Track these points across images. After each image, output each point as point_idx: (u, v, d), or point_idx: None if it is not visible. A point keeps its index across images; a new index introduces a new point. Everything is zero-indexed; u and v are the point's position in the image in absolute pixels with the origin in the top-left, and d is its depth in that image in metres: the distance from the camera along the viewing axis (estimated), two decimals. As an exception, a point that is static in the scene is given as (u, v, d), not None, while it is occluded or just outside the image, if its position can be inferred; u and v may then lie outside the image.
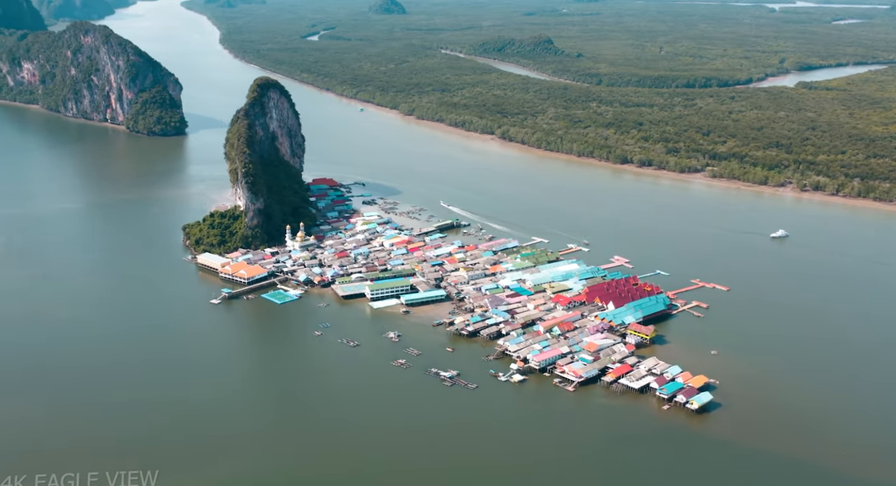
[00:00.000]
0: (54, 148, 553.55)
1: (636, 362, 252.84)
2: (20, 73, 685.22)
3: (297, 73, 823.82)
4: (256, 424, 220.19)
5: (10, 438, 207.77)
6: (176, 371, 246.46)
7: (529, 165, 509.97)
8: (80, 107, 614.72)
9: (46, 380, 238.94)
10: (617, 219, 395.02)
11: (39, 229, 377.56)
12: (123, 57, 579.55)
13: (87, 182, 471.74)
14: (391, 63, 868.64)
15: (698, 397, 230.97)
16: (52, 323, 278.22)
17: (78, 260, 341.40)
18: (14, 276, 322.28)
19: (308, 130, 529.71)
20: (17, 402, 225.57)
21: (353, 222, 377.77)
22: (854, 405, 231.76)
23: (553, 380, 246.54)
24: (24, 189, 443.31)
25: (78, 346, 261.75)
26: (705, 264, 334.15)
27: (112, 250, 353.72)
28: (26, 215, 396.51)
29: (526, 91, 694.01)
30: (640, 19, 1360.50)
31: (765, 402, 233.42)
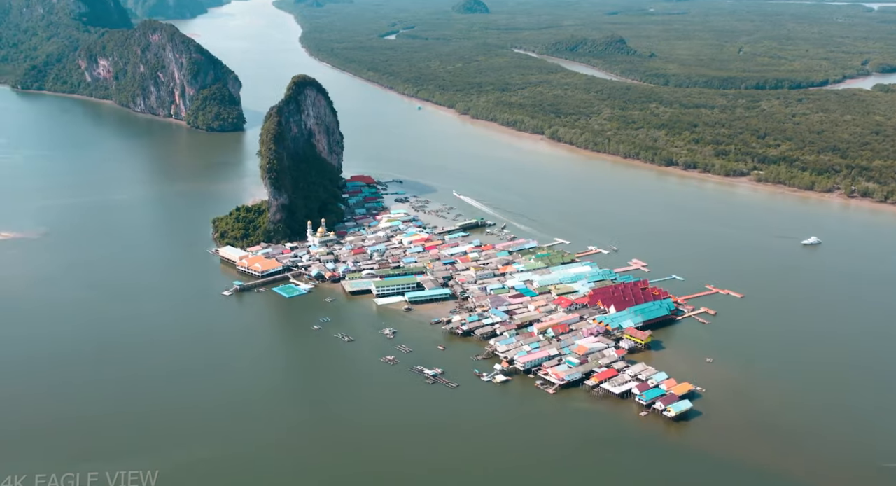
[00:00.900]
0: (118, 142, 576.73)
1: (623, 368, 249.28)
2: (97, 70, 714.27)
3: (363, 72, 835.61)
4: (233, 418, 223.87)
5: (10, 437, 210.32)
6: (169, 363, 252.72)
7: (573, 165, 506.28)
8: (148, 102, 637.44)
9: (46, 374, 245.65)
10: (649, 222, 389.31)
11: (84, 219, 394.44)
12: (186, 55, 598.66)
13: (140, 175, 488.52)
14: (459, 62, 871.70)
15: (677, 404, 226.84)
16: (64, 309, 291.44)
17: (110, 249, 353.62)
18: (48, 262, 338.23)
19: (361, 127, 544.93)
20: (16, 399, 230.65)
21: (378, 219, 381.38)
22: (841, 422, 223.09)
23: (535, 382, 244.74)
24: (79, 181, 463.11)
25: (78, 335, 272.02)
26: (726, 270, 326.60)
27: (145, 241, 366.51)
28: (76, 205, 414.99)
29: (587, 91, 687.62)
30: (726, 19, 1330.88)
31: (747, 413, 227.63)
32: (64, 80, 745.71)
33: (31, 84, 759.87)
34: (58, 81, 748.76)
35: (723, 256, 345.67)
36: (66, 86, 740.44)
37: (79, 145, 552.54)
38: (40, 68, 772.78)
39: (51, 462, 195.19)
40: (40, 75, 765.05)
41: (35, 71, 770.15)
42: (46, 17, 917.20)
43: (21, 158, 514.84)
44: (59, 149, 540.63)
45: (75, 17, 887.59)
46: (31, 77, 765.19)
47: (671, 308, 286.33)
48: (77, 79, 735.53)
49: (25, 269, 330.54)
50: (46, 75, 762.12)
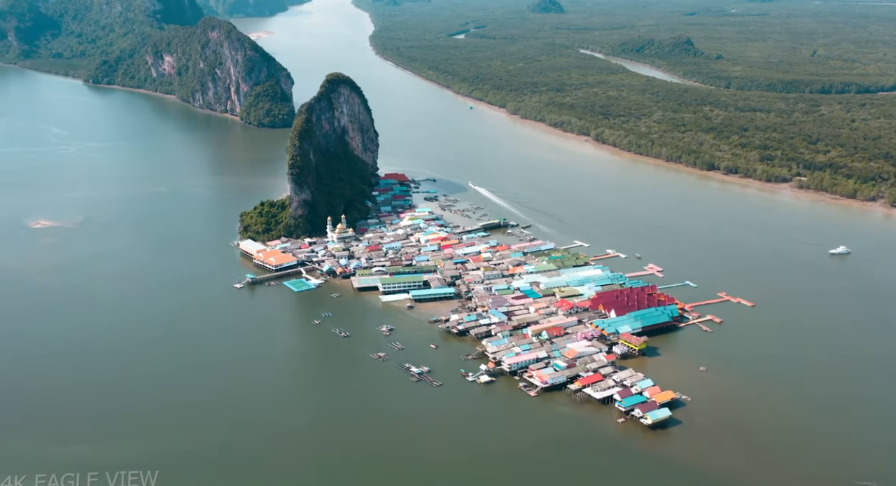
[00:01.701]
0: (171, 136, 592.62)
1: (610, 373, 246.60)
2: (162, 66, 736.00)
3: (423, 70, 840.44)
4: (210, 413, 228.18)
5: (11, 436, 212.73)
6: (167, 354, 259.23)
7: (613, 167, 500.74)
8: (206, 98, 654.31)
9: (44, 365, 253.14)
10: (675, 227, 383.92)
11: (121, 209, 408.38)
12: (241, 52, 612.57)
13: (185, 168, 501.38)
14: (521, 62, 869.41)
15: (654, 412, 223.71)
16: (79, 297, 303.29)
17: (139, 239, 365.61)
18: (78, 250, 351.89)
19: (410, 125, 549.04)
20: (14, 390, 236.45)
21: (402, 217, 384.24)
22: (824, 441, 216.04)
23: (519, 384, 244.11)
24: (124, 172, 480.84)
25: (84, 324, 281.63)
26: (744, 277, 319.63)
27: (174, 232, 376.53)
28: (116, 196, 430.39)
29: (642, 93, 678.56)
30: (807, 20, 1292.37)
31: (728, 424, 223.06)
32: (132, 75, 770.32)
33: (101, 79, 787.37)
34: (126, 76, 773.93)
35: (744, 263, 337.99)
36: (133, 81, 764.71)
37: (133, 138, 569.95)
38: (111, 64, 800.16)
39: (51, 462, 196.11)
40: (111, 70, 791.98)
41: (106, 66, 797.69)
42: (124, 13, 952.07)
43: (76, 149, 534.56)
44: (114, 141, 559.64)
45: (149, 14, 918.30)
46: (102, 72, 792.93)
47: (674, 315, 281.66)
48: (144, 74, 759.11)
49: (55, 256, 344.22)
50: (116, 70, 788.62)
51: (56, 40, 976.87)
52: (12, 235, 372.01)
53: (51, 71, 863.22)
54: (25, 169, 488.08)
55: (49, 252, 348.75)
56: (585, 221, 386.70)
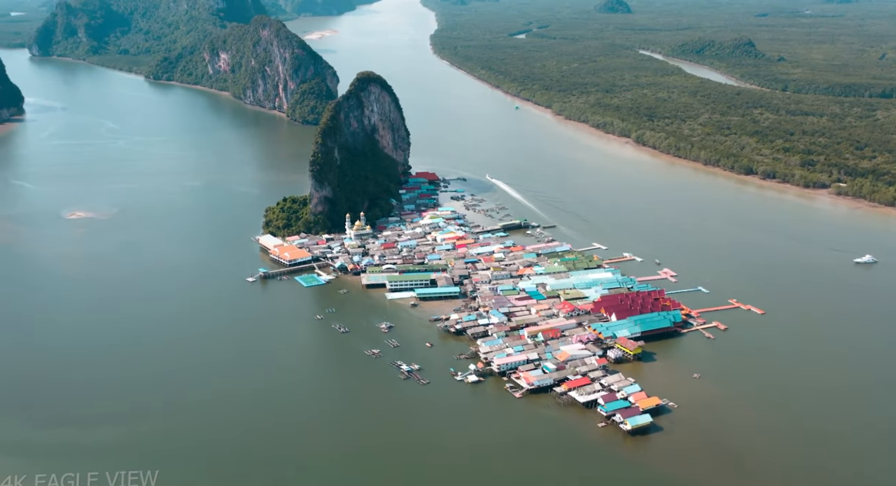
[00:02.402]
0: (218, 132, 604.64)
1: (600, 377, 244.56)
2: (218, 63, 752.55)
3: (476, 70, 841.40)
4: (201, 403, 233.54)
5: (10, 436, 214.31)
6: (166, 348, 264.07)
7: (649, 170, 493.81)
8: (256, 95, 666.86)
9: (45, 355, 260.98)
10: (700, 231, 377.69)
11: (155, 201, 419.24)
12: (289, 50, 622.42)
13: (224, 163, 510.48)
14: (576, 62, 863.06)
15: (635, 418, 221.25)
16: (99, 286, 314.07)
17: (165, 232, 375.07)
18: (106, 241, 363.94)
19: (452, 124, 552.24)
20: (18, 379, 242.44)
21: (423, 216, 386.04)
22: (807, 454, 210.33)
23: (505, 385, 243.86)
24: (164, 166, 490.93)
25: (96, 314, 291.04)
26: (760, 284, 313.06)
27: (201, 225, 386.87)
28: (151, 189, 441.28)
29: (693, 95, 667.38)
30: (882, 22, 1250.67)
31: (710, 433, 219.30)
32: (190, 71, 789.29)
33: (161, 75, 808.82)
34: (184, 72, 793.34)
35: (763, 269, 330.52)
36: (191, 77, 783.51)
37: (179, 133, 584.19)
38: (171, 60, 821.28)
39: (51, 462, 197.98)
40: (170, 67, 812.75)
41: (166, 63, 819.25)
42: (189, 11, 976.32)
43: (124, 143, 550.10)
44: (161, 136, 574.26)
45: (213, 12, 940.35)
46: (162, 68, 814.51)
47: (676, 320, 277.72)
48: (201, 71, 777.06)
49: (81, 246, 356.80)
50: (175, 67, 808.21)
51: (125, 37, 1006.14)
52: (48, 224, 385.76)
53: (115, 67, 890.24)
54: (72, 161, 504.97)
55: (77, 242, 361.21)
56: (610, 224, 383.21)
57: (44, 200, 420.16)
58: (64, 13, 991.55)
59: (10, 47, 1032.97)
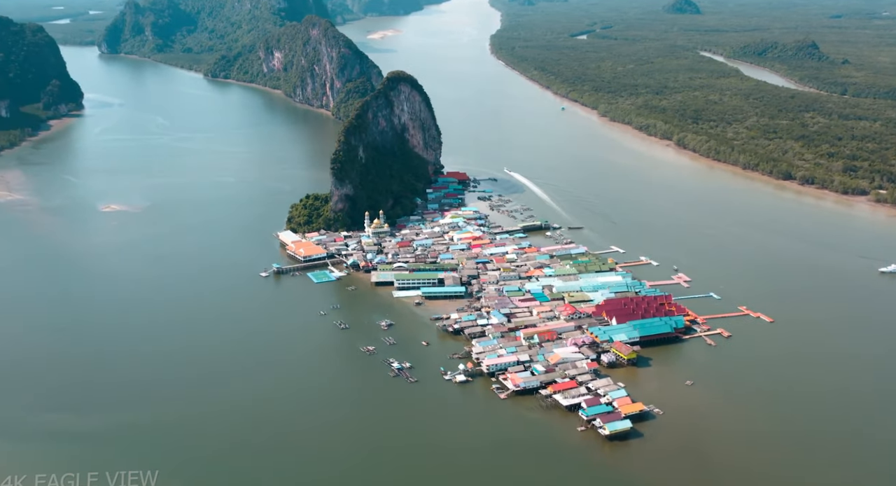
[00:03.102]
0: (263, 128, 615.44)
1: (587, 380, 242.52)
2: (272, 61, 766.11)
3: (529, 70, 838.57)
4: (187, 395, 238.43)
5: (10, 435, 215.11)
6: (167, 338, 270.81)
7: (685, 173, 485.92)
8: (305, 94, 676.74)
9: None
10: (724, 236, 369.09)
11: (186, 195, 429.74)
12: (336, 49, 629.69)
13: (262, 159, 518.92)
14: (632, 63, 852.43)
15: (614, 423, 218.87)
16: (118, 277, 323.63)
17: (190, 226, 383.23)
18: (132, 234, 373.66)
19: (495, 124, 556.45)
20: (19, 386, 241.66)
21: (445, 216, 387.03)
22: (786, 468, 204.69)
23: (491, 385, 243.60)
24: (202, 162, 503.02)
25: (108, 304, 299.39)
26: (774, 292, 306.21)
27: (227, 219, 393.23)
28: (185, 183, 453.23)
29: (745, 97, 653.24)
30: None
31: (691, 441, 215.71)
32: (246, 70, 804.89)
33: (218, 73, 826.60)
34: (241, 70, 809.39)
35: (781, 276, 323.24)
36: (246, 75, 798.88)
37: (224, 130, 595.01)
38: (229, 59, 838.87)
39: (51, 462, 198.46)
40: (228, 65, 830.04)
41: (224, 61, 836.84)
42: (252, 11, 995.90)
43: (169, 139, 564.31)
44: (206, 132, 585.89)
45: (274, 11, 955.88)
46: (220, 66, 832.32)
47: (678, 326, 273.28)
48: (256, 69, 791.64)
49: (111, 238, 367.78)
50: (233, 65, 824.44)
51: (191, 36, 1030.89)
52: (82, 217, 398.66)
53: (178, 65, 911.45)
54: (116, 156, 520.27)
55: (106, 234, 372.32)
56: (636, 227, 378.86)
57: (83, 194, 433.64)
58: (132, 12, 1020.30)
59: (83, 45, 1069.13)
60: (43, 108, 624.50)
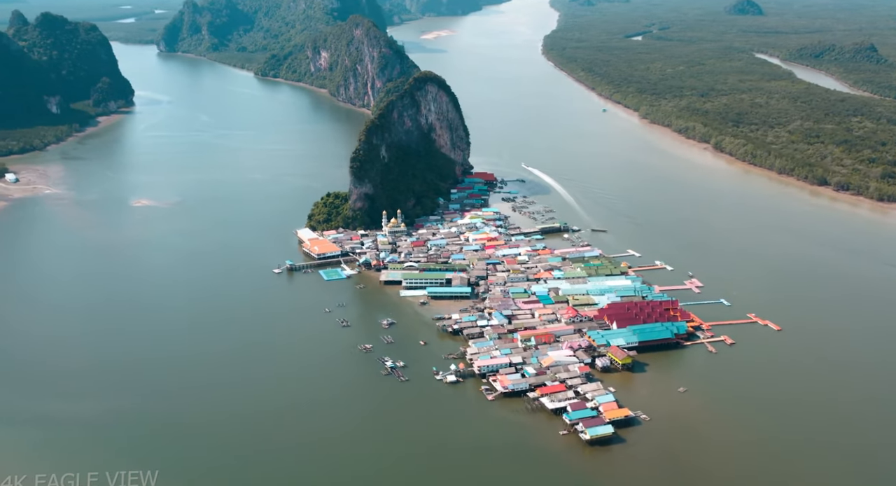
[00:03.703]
0: (302, 126, 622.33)
1: (577, 384, 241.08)
2: (319, 60, 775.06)
3: (577, 71, 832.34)
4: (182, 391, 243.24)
5: (11, 435, 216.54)
6: (170, 332, 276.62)
7: (718, 177, 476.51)
8: (347, 93, 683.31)
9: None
10: (749, 241, 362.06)
11: (216, 192, 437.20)
12: (377, 49, 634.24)
13: (295, 157, 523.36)
14: (682, 65, 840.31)
15: (596, 428, 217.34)
16: (139, 270, 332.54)
17: (214, 221, 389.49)
18: (157, 228, 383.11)
19: (533, 125, 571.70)
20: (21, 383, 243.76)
21: (465, 216, 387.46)
22: (766, 474, 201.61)
23: (481, 386, 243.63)
24: (235, 159, 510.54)
25: (123, 296, 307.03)
26: (788, 299, 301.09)
27: (248, 217, 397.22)
28: (216, 180, 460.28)
29: (793, 101, 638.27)
30: None
31: (673, 449, 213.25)
32: (294, 69, 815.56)
33: (268, 72, 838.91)
34: (289, 69, 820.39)
35: (799, 283, 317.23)
36: (294, 74, 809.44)
37: (265, 128, 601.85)
38: (279, 58, 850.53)
39: (51, 462, 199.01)
40: (277, 64, 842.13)
41: (273, 60, 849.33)
42: (306, 11, 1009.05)
43: (208, 136, 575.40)
44: (246, 130, 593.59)
45: (327, 11, 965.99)
46: (270, 65, 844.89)
47: (680, 332, 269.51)
48: (304, 69, 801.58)
49: (136, 232, 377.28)
50: (282, 64, 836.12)
51: (247, 35, 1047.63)
52: (113, 211, 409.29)
53: (230, 63, 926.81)
54: (156, 152, 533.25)
55: (132, 228, 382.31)
56: (659, 230, 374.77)
57: (117, 188, 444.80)
58: (190, 12, 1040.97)
59: (144, 43, 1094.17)
60: (93, 104, 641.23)
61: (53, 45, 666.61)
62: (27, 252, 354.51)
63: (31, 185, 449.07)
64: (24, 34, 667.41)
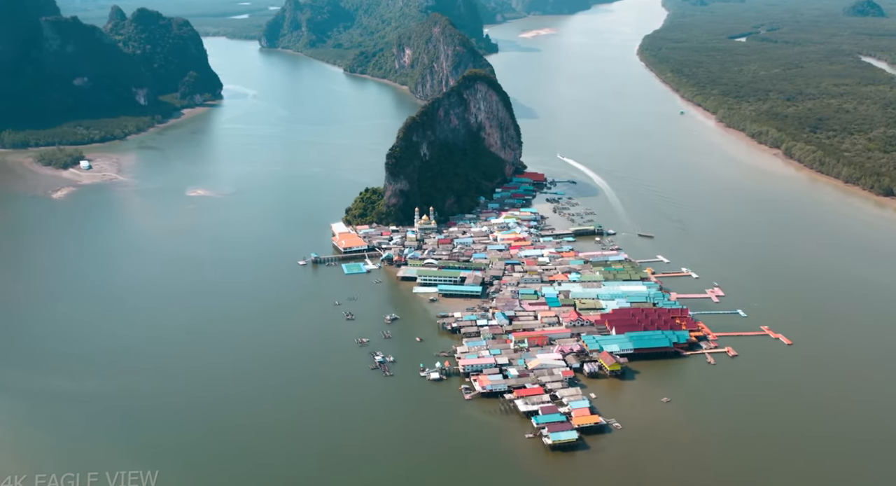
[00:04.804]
0: (370, 122, 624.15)
1: (556, 388, 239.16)
2: (403, 58, 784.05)
3: (665, 73, 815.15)
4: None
5: (11, 435, 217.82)
6: (174, 323, 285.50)
7: (782, 185, 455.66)
8: (424, 90, 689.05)
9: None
10: (788, 253, 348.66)
11: (270, 184, 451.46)
12: (451, 47, 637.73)
13: (358, 152, 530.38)
14: (779, 67, 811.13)
15: (560, 433, 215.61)
16: (169, 259, 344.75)
17: (260, 212, 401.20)
18: (205, 218, 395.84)
19: (603, 126, 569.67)
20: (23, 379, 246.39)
21: (501, 216, 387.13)
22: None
23: (460, 385, 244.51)
24: (296, 153, 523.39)
25: (143, 285, 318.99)
26: (809, 313, 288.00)
27: (293, 209, 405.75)
28: (274, 172, 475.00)
29: (885, 107, 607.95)
30: None
31: (636, 460, 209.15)
32: (380, 66, 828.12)
33: (356, 68, 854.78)
34: (376, 66, 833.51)
35: (829, 297, 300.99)
36: (380, 71, 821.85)
37: (336, 123, 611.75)
38: (367, 55, 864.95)
39: (51, 462, 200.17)
40: (365, 61, 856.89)
41: (362, 57, 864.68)
42: (402, 9, 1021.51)
43: (280, 129, 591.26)
44: (318, 125, 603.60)
45: (422, 9, 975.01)
46: (358, 62, 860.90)
47: (679, 341, 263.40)
48: (389, 65, 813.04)
49: (182, 220, 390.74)
50: (370, 61, 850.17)
51: (346, 32, 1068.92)
52: (168, 200, 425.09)
53: (324, 59, 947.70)
54: (226, 144, 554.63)
55: (180, 217, 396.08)
56: (701, 237, 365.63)
57: (179, 178, 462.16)
58: (292, 8, 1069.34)
59: (249, 39, 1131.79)
60: (179, 97, 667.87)
61: (147, 39, 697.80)
62: (71, 235, 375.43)
63: (101, 172, 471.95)
64: (120, 29, 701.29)
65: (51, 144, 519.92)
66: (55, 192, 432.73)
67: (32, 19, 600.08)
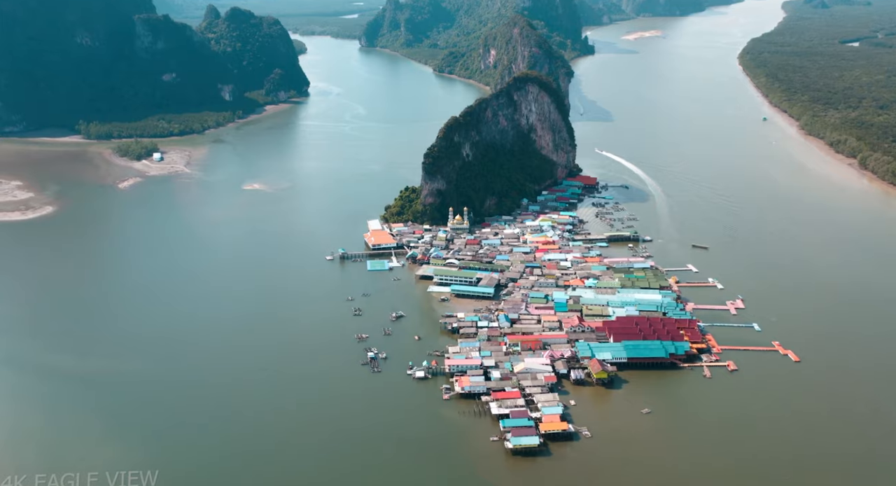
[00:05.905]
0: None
1: (535, 393, 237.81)
2: (488, 58, 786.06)
3: (759, 77, 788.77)
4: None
5: (11, 435, 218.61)
6: (186, 309, 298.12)
7: (849, 196, 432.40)
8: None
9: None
10: (830, 270, 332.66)
11: (323, 179, 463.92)
12: (528, 48, 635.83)
13: (420, 150, 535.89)
14: (883, 74, 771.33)
15: (522, 438, 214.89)
16: (207, 246, 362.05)
17: (304, 206, 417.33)
18: (252, 211, 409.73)
19: (682, 131, 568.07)
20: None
21: (539, 218, 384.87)
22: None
23: (442, 385, 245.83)
24: (363, 150, 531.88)
25: (170, 273, 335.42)
26: (827, 331, 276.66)
27: (338, 205, 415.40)
28: (332, 168, 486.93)
29: None
30: None
31: (598, 470, 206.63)
32: (467, 66, 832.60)
33: (444, 68, 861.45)
34: (463, 67, 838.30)
35: (859, 317, 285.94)
36: (467, 71, 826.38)
37: (409, 122, 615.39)
38: (457, 55, 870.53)
39: (51, 462, 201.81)
40: (454, 61, 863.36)
41: (451, 57, 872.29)
42: (500, 10, 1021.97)
43: (351, 127, 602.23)
44: (391, 123, 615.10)
45: (518, 10, 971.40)
46: (447, 62, 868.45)
47: (678, 352, 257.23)
48: (475, 66, 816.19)
49: (229, 212, 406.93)
50: (458, 61, 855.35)
51: (445, 32, 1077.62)
52: (223, 193, 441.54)
53: (417, 59, 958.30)
54: (296, 140, 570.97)
55: (230, 209, 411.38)
56: (744, 249, 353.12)
57: (239, 171, 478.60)
58: (392, 9, 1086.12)
59: (352, 38, 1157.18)
60: (264, 94, 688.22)
61: (238, 37, 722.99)
62: (119, 224, 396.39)
63: (170, 164, 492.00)
64: (214, 27, 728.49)
65: (131, 137, 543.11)
66: (122, 182, 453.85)
67: (127, 17, 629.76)
